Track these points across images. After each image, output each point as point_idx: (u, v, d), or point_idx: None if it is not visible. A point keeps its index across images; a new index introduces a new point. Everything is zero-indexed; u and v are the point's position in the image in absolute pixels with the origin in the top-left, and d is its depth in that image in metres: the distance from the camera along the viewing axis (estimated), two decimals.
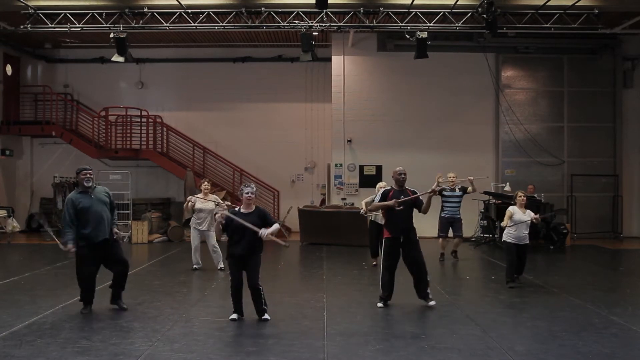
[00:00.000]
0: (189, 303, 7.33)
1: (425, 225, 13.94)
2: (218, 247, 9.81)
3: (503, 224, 8.38)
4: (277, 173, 16.90)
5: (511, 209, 8.37)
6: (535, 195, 13.57)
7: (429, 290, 7.18)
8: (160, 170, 16.71)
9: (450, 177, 10.95)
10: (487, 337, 5.78)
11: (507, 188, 14.06)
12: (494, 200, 13.37)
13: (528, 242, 8.44)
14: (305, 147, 17.36)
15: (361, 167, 15.61)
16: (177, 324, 6.27)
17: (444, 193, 10.98)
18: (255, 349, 5.40)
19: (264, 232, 6.17)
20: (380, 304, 7.10)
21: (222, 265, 9.76)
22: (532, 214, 8.39)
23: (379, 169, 15.54)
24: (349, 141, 15.52)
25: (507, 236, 8.37)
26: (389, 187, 7.44)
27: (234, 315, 6.37)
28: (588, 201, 15.44)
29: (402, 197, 7.06)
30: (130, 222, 14.43)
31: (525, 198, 8.44)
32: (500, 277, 9.31)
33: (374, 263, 10.28)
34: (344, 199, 15.40)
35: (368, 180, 15.41)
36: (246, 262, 6.29)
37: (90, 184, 6.72)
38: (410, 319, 6.58)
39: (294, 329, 6.13)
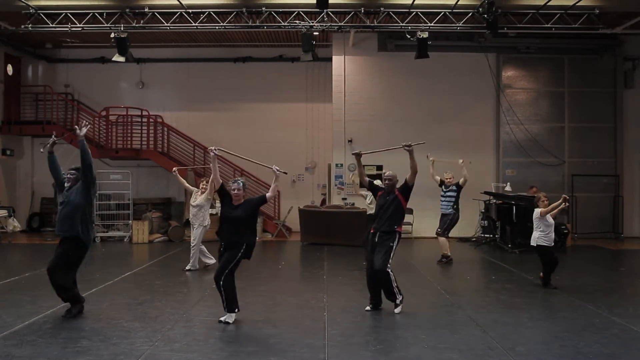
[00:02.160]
0: (190, 303, 7.33)
1: (427, 225, 14.14)
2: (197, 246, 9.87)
3: (544, 211, 8.22)
4: None
5: (538, 211, 8.32)
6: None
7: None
8: (160, 170, 16.70)
9: (447, 179, 10.95)
10: (488, 338, 5.78)
11: (508, 188, 14.07)
12: (494, 201, 13.37)
13: None
14: (305, 147, 17.35)
15: None
16: (178, 324, 6.26)
17: (442, 190, 10.99)
18: (256, 349, 5.40)
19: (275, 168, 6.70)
20: None
21: (210, 262, 9.97)
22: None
23: (379, 168, 15.51)
24: (350, 141, 15.50)
25: (542, 240, 8.31)
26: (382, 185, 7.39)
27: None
28: (589, 201, 15.43)
29: (389, 197, 6.99)
30: (130, 222, 14.45)
31: (548, 202, 8.39)
32: (501, 278, 9.33)
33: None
34: (344, 199, 15.39)
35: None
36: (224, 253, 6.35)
37: (69, 184, 6.53)
38: (411, 319, 6.57)
39: (295, 329, 6.13)
